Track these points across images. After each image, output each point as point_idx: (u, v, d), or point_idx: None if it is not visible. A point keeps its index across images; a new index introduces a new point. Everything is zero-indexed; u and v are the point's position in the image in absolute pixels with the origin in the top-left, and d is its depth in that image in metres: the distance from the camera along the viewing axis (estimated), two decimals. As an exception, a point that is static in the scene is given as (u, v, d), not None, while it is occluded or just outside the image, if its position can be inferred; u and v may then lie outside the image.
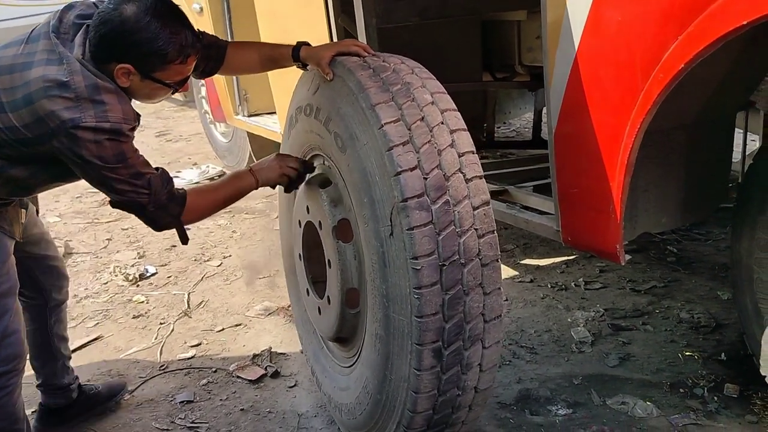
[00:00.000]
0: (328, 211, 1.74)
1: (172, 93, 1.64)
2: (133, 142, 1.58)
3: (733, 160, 2.07)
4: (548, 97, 1.75)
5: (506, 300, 2.69)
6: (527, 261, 3.03)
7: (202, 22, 3.98)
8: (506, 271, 2.94)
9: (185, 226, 1.72)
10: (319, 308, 1.91)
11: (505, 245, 3.18)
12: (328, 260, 1.78)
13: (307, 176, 1.87)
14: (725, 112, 1.91)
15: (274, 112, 3.68)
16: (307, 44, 1.79)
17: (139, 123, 1.59)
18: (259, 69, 1.94)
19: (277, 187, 1.96)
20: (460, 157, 1.48)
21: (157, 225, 1.69)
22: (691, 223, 3.08)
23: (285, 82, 3.09)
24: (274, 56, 1.85)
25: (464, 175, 1.47)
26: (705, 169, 1.91)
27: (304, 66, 1.81)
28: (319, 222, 1.80)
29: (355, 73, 1.57)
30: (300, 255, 2.02)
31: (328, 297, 1.82)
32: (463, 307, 1.46)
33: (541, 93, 3.02)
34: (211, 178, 4.69)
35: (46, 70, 1.50)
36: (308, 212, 1.87)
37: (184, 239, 1.75)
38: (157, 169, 1.64)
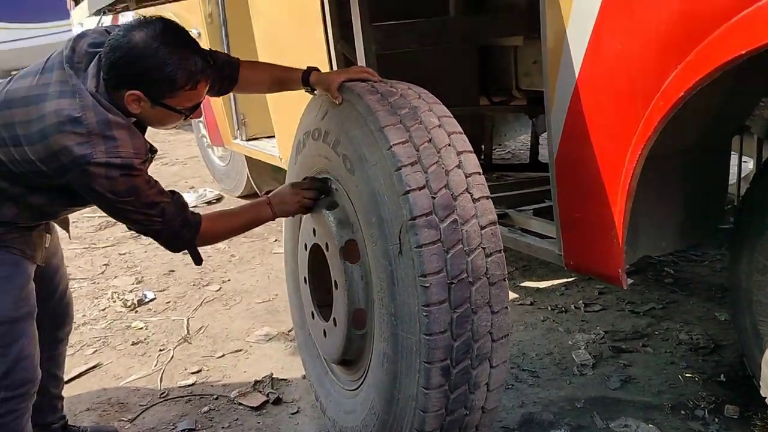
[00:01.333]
0: (336, 233, 1.76)
1: (184, 119, 1.65)
2: (147, 173, 1.60)
3: (729, 182, 2.10)
4: (549, 123, 1.78)
5: (507, 323, 2.69)
6: (527, 283, 3.04)
7: (200, 48, 4.02)
8: (506, 294, 2.95)
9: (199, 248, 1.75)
10: (324, 331, 1.91)
11: (504, 268, 3.20)
12: (335, 281, 1.79)
13: (318, 206, 1.88)
14: (722, 136, 1.94)
15: (273, 136, 3.70)
16: (317, 69, 1.83)
17: (153, 155, 1.61)
18: (268, 90, 2.01)
19: None
20: (467, 177, 1.52)
21: (172, 248, 1.74)
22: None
23: (285, 106, 3.12)
24: (284, 79, 1.88)
25: (471, 195, 1.51)
26: (702, 192, 1.94)
27: (312, 90, 1.84)
28: (326, 244, 1.82)
29: (364, 98, 1.61)
30: (305, 278, 2.03)
31: (334, 319, 1.83)
32: (471, 325, 1.48)
33: (541, 118, 3.06)
34: (209, 202, 4.70)
35: (59, 104, 1.52)
36: (315, 234, 1.89)
37: (198, 260, 1.78)
38: (172, 193, 1.66)
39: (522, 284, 3.04)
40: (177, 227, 1.65)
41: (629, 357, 2.40)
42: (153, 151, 1.63)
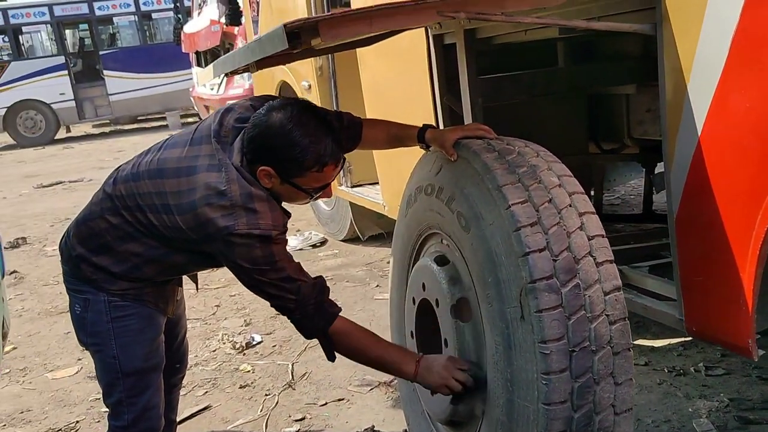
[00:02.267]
0: (447, 290, 1.74)
1: (312, 199, 1.73)
2: (286, 248, 1.68)
3: None
4: (668, 180, 1.69)
5: (619, 384, 2.55)
6: (641, 341, 2.87)
7: (311, 98, 4.17)
8: (617, 352, 2.80)
9: (334, 351, 1.73)
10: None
11: (615, 323, 3.04)
12: (445, 339, 1.76)
13: (426, 260, 1.85)
14: None
15: (377, 183, 3.76)
16: (433, 127, 1.85)
17: (288, 218, 1.69)
18: (385, 146, 2.05)
19: (390, 260, 1.98)
20: (590, 240, 1.47)
21: (304, 332, 1.73)
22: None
23: (389, 154, 3.16)
24: (401, 136, 1.91)
25: (595, 259, 1.45)
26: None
27: (427, 147, 1.85)
28: (436, 300, 1.80)
29: (481, 155, 1.60)
30: (412, 333, 2.01)
31: None
32: (593, 396, 1.42)
33: (659, 175, 2.92)
34: (314, 245, 4.82)
35: (208, 177, 1.64)
36: (424, 290, 1.87)
37: (330, 356, 1.76)
38: (316, 278, 1.71)
39: (636, 342, 2.88)
40: (310, 310, 1.67)
41: (758, 429, 2.19)
42: (287, 214, 1.70)
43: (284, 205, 1.74)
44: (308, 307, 1.67)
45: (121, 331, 1.79)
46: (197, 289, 2.13)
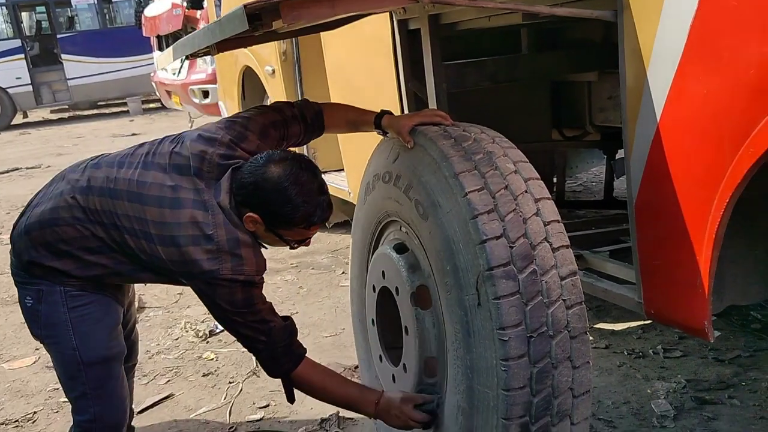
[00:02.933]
0: (407, 277, 1.73)
1: (291, 248, 1.77)
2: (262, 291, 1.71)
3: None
4: (628, 166, 1.71)
5: (580, 367, 2.59)
6: (601, 325, 2.93)
7: (274, 84, 4.13)
8: (579, 336, 2.85)
9: (294, 389, 1.80)
10: (393, 376, 1.88)
11: (577, 307, 3.09)
12: (405, 327, 1.76)
13: (385, 248, 1.85)
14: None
15: (342, 169, 3.74)
16: (390, 113, 1.84)
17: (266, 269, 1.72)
18: (343, 131, 2.08)
19: (350, 248, 1.98)
20: (545, 225, 1.48)
21: (268, 371, 1.78)
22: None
23: (354, 141, 3.15)
24: (358, 121, 1.91)
25: (551, 245, 1.46)
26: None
27: (384, 133, 1.84)
28: (396, 288, 1.79)
29: (437, 143, 1.59)
30: (373, 320, 2.01)
31: (404, 365, 1.80)
32: (551, 380, 1.43)
33: (619, 162, 2.97)
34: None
35: (194, 214, 1.63)
36: (384, 277, 1.86)
37: (290, 397, 1.82)
38: (285, 318, 1.75)
39: (596, 326, 2.93)
40: (278, 353, 1.71)
41: (714, 409, 2.26)
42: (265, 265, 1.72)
43: None
44: (277, 348, 1.71)
45: (79, 320, 1.74)
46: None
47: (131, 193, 1.68)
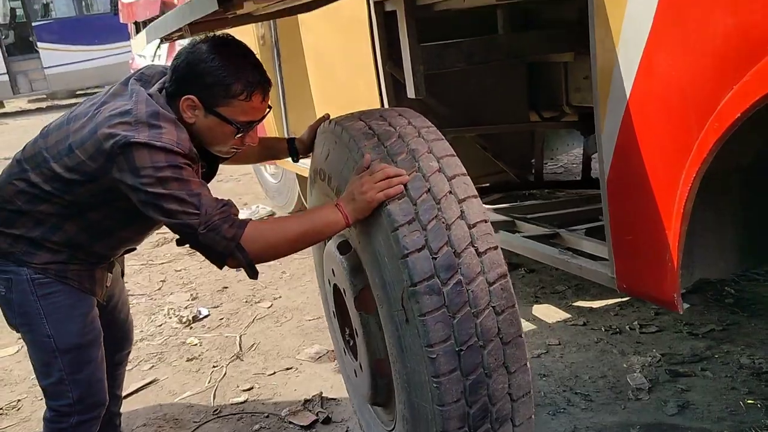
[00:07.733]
0: (349, 280, 1.67)
1: (238, 138, 1.62)
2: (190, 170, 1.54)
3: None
4: (599, 143, 1.74)
5: (559, 344, 2.64)
6: (580, 303, 2.98)
7: (253, 69, 4.10)
8: (558, 314, 2.90)
9: (257, 263, 1.54)
10: (355, 370, 1.88)
11: (557, 286, 3.14)
12: (355, 330, 1.74)
13: (331, 245, 1.78)
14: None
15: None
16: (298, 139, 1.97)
17: (196, 161, 1.57)
18: (256, 161, 2.22)
19: None
20: (470, 228, 1.39)
21: (215, 253, 1.52)
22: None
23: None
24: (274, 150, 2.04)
25: (476, 249, 1.39)
26: (763, 212, 1.86)
27: (295, 159, 1.98)
28: (343, 289, 1.75)
29: (359, 143, 1.52)
30: (333, 313, 1.99)
31: (360, 363, 1.79)
32: (486, 390, 1.38)
33: (591, 138, 3.00)
34: (262, 218, 4.78)
35: (114, 105, 1.58)
36: (334, 275, 1.82)
37: (252, 272, 1.56)
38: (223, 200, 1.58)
39: (575, 303, 2.98)
40: (216, 221, 1.49)
41: (687, 381, 2.31)
42: (195, 156, 1.57)
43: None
44: (213, 218, 1.49)
45: (51, 309, 1.71)
46: (123, 273, 2.04)
47: (60, 123, 1.66)
